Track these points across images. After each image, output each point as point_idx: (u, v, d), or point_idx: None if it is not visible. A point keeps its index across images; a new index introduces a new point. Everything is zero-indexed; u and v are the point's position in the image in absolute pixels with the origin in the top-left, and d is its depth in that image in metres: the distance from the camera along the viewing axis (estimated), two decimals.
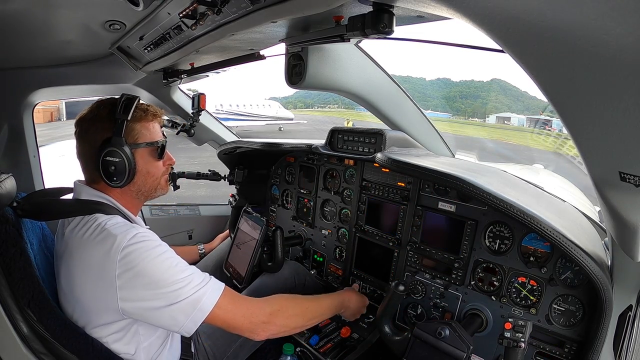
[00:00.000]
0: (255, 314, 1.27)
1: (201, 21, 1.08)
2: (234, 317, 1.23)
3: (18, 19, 1.27)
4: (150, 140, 1.34)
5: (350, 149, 1.90)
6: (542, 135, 15.86)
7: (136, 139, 1.30)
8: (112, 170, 1.23)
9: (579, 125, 0.64)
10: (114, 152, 1.23)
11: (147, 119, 1.34)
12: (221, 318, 1.21)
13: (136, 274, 1.10)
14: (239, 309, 1.25)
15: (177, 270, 1.15)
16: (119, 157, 1.23)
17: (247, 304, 1.29)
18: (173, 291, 1.12)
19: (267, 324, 1.29)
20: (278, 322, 1.32)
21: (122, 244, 1.11)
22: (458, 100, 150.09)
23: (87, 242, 1.15)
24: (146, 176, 1.34)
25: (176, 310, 1.13)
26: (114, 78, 2.10)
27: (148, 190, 1.38)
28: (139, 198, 1.38)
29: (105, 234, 1.13)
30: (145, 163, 1.33)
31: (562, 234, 1.11)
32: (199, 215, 2.71)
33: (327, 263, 2.19)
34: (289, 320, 1.37)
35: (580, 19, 0.48)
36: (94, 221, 1.18)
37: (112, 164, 1.23)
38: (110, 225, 1.16)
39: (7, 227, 1.20)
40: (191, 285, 1.15)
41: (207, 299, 1.17)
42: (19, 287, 1.15)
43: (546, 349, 1.35)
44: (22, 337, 1.14)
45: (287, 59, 1.54)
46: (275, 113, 26.22)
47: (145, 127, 1.33)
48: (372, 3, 0.91)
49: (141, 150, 1.31)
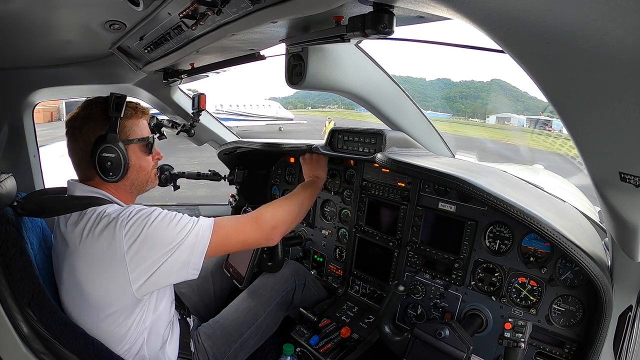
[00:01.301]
0: (257, 226, 1.40)
1: (201, 21, 1.08)
2: (238, 235, 1.35)
3: (18, 19, 1.27)
4: (141, 136, 1.39)
5: (350, 149, 1.90)
6: (542, 136, 15.88)
7: (128, 135, 1.36)
8: (108, 165, 1.28)
9: (579, 125, 0.64)
10: (110, 148, 1.27)
11: (137, 116, 1.40)
12: (226, 239, 1.32)
13: (143, 241, 1.16)
14: (237, 230, 1.36)
15: (174, 222, 1.23)
16: (114, 153, 1.28)
17: (241, 221, 1.40)
18: (179, 240, 1.20)
19: (275, 227, 1.44)
20: (278, 218, 1.45)
21: (124, 221, 1.16)
22: (458, 100, 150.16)
23: (90, 235, 1.18)
24: (139, 170, 1.39)
25: (183, 250, 1.20)
26: (114, 78, 2.09)
27: (140, 184, 1.43)
28: (132, 192, 1.43)
29: (106, 220, 1.18)
30: (137, 158, 1.38)
31: (562, 234, 1.11)
32: (199, 215, 2.70)
33: (327, 263, 2.19)
34: (284, 211, 1.49)
35: (580, 19, 0.48)
36: (92, 213, 1.21)
37: (109, 159, 1.28)
38: (109, 212, 1.21)
39: (8, 226, 1.20)
40: (189, 225, 1.24)
41: (205, 229, 1.26)
42: (19, 286, 1.15)
43: (546, 349, 1.35)
44: (22, 337, 1.14)
45: (287, 59, 1.54)
46: (275, 113, 26.20)
47: (135, 124, 1.39)
48: (372, 3, 0.91)
49: (133, 146, 1.36)
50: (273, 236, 1.44)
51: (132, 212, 1.19)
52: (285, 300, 1.82)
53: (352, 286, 2.04)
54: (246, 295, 1.79)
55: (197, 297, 1.98)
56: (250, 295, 1.78)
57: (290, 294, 1.84)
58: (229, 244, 1.35)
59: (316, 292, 1.99)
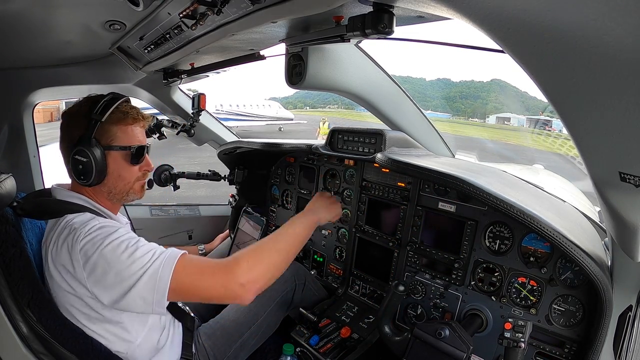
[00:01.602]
0: (226, 279, 1.14)
1: (201, 21, 1.08)
2: (201, 283, 1.13)
3: (18, 19, 1.27)
4: (125, 144, 1.31)
5: (350, 149, 1.90)
6: (542, 135, 15.88)
7: (110, 141, 1.29)
8: (79, 168, 1.24)
9: (579, 125, 0.64)
10: (82, 151, 1.23)
11: (126, 122, 1.31)
12: (187, 286, 1.11)
13: (96, 262, 1.09)
14: (203, 274, 1.14)
15: (130, 251, 1.10)
16: (86, 157, 1.23)
17: (211, 267, 1.16)
18: (132, 272, 1.08)
19: (244, 285, 1.14)
20: (255, 274, 1.16)
21: (81, 235, 1.11)
22: (458, 100, 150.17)
23: (55, 244, 1.16)
24: (117, 179, 1.32)
25: (141, 289, 1.08)
26: (114, 78, 2.09)
27: (119, 193, 1.35)
28: (112, 200, 1.36)
29: (68, 230, 1.15)
30: (118, 166, 1.31)
31: (562, 234, 1.11)
32: (199, 215, 2.71)
33: (327, 263, 2.19)
34: (264, 264, 1.21)
35: (580, 19, 0.48)
36: (63, 220, 1.20)
37: (80, 162, 1.24)
38: (74, 222, 1.17)
39: (7, 227, 1.21)
40: (146, 259, 1.10)
41: (165, 267, 1.10)
42: (19, 287, 1.15)
43: (546, 349, 1.35)
44: (22, 337, 1.14)
45: (287, 59, 1.54)
46: (275, 113, 26.20)
47: (122, 130, 1.31)
48: (372, 3, 0.91)
49: (115, 153, 1.29)
50: (244, 295, 1.14)
51: (92, 228, 1.13)
52: (285, 300, 1.82)
53: (352, 286, 2.04)
54: None
55: None
56: None
57: (290, 293, 1.84)
58: (190, 293, 1.14)
59: (316, 292, 1.99)
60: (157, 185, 2.43)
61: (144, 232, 2.26)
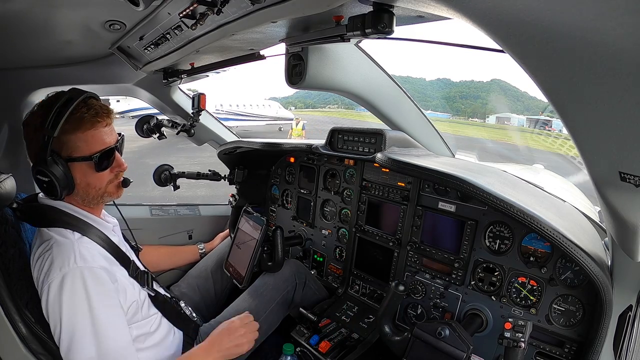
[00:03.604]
0: None
1: (201, 21, 1.08)
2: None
3: (18, 19, 1.27)
4: (86, 154, 1.21)
5: (350, 149, 1.90)
6: (542, 135, 15.87)
7: (71, 152, 1.20)
8: (44, 187, 1.18)
9: (579, 125, 0.64)
10: (41, 171, 1.16)
11: (84, 128, 1.19)
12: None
13: (52, 303, 1.10)
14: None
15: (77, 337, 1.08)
16: (47, 177, 1.16)
17: None
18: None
19: None
20: None
21: (56, 270, 1.10)
22: (458, 100, 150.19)
23: (34, 257, 1.17)
24: (86, 188, 1.26)
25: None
26: (114, 78, 2.09)
27: (93, 199, 1.29)
28: (89, 205, 1.31)
29: (48, 264, 1.12)
30: (84, 176, 1.23)
31: (562, 234, 1.11)
32: (199, 215, 2.71)
33: (327, 263, 2.19)
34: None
35: (580, 19, 0.48)
36: (48, 234, 1.19)
37: (43, 182, 1.17)
38: (56, 242, 1.15)
39: (7, 227, 1.21)
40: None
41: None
42: (18, 288, 1.15)
43: (546, 349, 1.35)
44: (22, 338, 1.14)
45: (287, 59, 1.54)
46: (275, 113, 26.20)
47: (81, 138, 1.20)
48: (372, 3, 0.91)
49: (77, 164, 1.21)
50: None
51: (69, 272, 1.10)
52: (286, 300, 1.82)
53: (352, 286, 2.04)
54: (247, 295, 1.79)
55: (198, 297, 1.99)
56: (251, 295, 1.78)
57: (291, 293, 1.84)
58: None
59: (317, 291, 1.99)
60: (157, 185, 2.44)
61: (144, 232, 2.28)
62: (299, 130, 16.71)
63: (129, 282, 1.28)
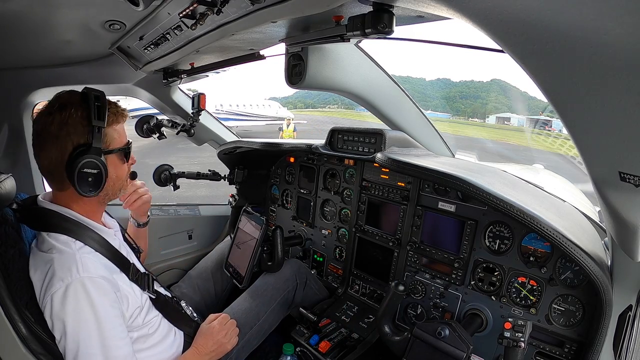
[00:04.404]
0: None
1: (201, 21, 1.08)
2: None
3: (18, 19, 1.27)
4: (121, 144, 1.27)
5: (350, 149, 1.90)
6: (542, 135, 15.88)
7: (109, 144, 1.23)
8: (89, 181, 1.16)
9: (578, 125, 0.64)
10: (92, 162, 1.15)
11: (118, 122, 1.26)
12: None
13: (57, 315, 1.10)
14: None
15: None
16: (97, 169, 1.16)
17: None
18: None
19: None
20: None
21: (59, 279, 1.10)
22: (458, 100, 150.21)
23: (34, 262, 1.18)
24: (115, 181, 1.28)
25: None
26: (114, 78, 2.09)
27: (114, 194, 1.32)
28: (102, 203, 1.33)
29: (50, 276, 1.12)
30: (115, 168, 1.26)
31: (562, 234, 1.11)
32: (199, 215, 2.71)
33: (327, 263, 2.19)
34: None
35: (580, 19, 0.48)
36: (50, 241, 1.19)
37: (90, 175, 1.15)
38: (59, 250, 1.15)
39: (7, 227, 1.20)
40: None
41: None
42: (18, 288, 1.15)
43: (546, 348, 1.35)
44: (22, 338, 1.14)
45: (287, 59, 1.54)
46: (275, 113, 26.19)
47: (117, 131, 1.26)
48: (372, 3, 0.91)
49: (112, 156, 1.24)
50: None
51: (72, 283, 1.09)
52: (286, 300, 1.82)
53: (352, 286, 2.04)
54: (247, 295, 1.79)
55: (199, 297, 1.99)
56: (251, 295, 1.78)
57: (292, 292, 1.84)
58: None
59: (318, 291, 1.99)
60: (157, 185, 2.43)
61: None
62: (290, 132, 16.19)
63: (130, 288, 1.28)
